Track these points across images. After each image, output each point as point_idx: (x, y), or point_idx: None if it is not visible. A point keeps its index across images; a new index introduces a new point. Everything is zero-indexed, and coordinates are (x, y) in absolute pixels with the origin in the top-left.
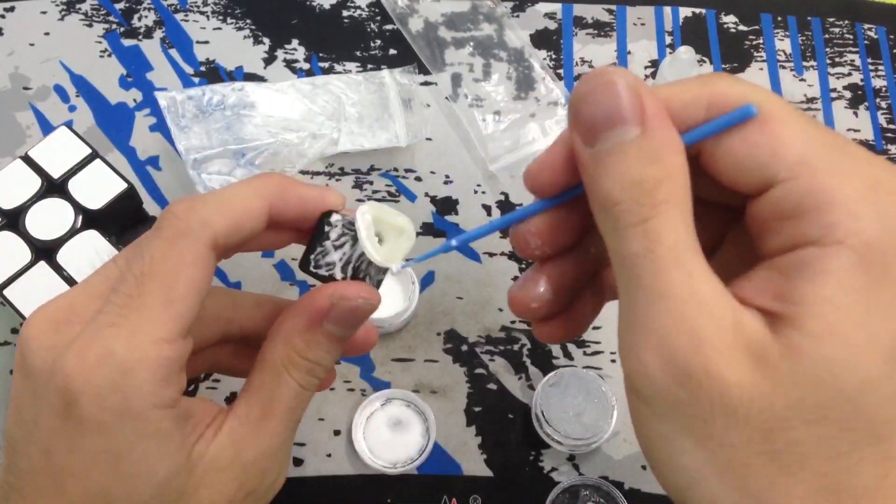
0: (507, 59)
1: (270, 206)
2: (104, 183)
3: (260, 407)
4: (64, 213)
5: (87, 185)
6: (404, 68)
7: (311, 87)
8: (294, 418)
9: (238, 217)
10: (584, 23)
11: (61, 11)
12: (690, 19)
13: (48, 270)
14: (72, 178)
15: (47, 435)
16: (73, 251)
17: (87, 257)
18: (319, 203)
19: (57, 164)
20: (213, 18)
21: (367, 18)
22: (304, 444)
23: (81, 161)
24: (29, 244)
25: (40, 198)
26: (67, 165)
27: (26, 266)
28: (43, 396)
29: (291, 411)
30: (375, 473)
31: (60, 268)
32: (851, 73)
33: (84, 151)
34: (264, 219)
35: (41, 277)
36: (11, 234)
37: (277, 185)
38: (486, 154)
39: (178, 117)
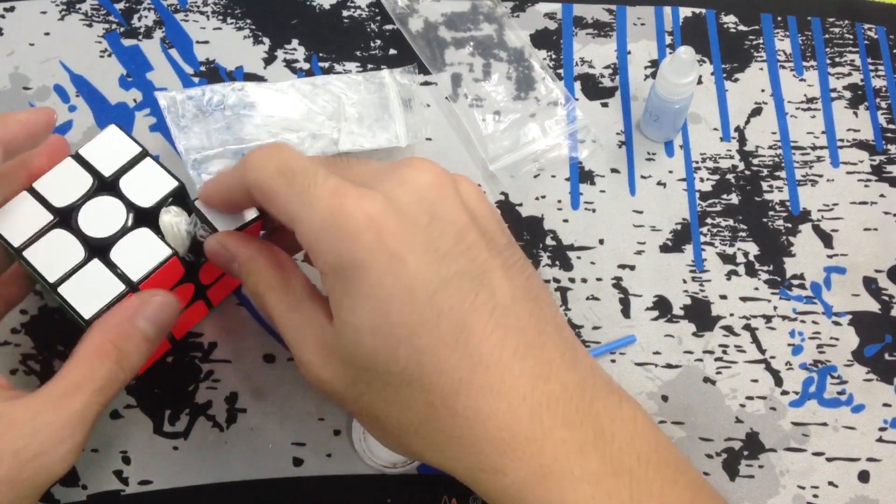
0: (507, 60)
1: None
2: (155, 181)
3: (66, 385)
4: (116, 212)
5: (138, 184)
6: (404, 68)
7: (311, 87)
8: (99, 401)
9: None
10: (584, 23)
11: (61, 11)
12: (690, 19)
13: (101, 267)
14: (122, 176)
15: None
16: (126, 249)
17: (140, 255)
18: (38, 120)
19: (107, 162)
20: (213, 18)
21: (367, 18)
22: (304, 444)
23: (132, 159)
24: (82, 242)
25: (91, 196)
26: (118, 164)
27: (80, 264)
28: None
29: (97, 393)
30: (375, 473)
31: (114, 265)
32: (851, 73)
33: (134, 150)
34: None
35: (95, 274)
36: (64, 232)
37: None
38: (486, 154)
39: (178, 117)
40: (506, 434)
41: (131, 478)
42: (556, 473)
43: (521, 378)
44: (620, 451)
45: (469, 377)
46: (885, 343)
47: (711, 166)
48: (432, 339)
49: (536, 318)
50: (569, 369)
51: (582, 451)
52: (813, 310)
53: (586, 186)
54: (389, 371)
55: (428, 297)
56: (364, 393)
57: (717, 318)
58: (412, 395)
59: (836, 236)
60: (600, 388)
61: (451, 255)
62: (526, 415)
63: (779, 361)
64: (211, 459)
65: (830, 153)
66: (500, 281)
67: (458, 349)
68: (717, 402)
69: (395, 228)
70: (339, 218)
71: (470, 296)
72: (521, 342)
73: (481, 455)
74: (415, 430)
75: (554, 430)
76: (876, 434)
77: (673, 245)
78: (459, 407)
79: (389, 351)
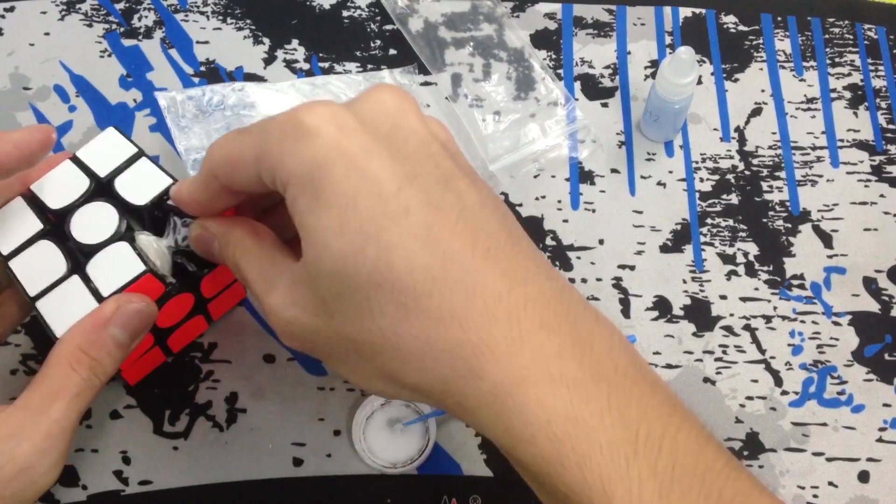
0: (507, 60)
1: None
2: (150, 180)
3: (42, 395)
4: (109, 218)
5: (133, 183)
6: (404, 68)
7: (311, 87)
8: (76, 409)
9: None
10: (584, 23)
11: (61, 11)
12: (690, 19)
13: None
14: (118, 176)
15: None
16: (102, 263)
17: (115, 270)
18: (34, 140)
19: (103, 163)
20: (213, 19)
21: (367, 18)
22: (303, 445)
23: (127, 160)
24: (67, 254)
25: (88, 199)
26: (114, 164)
27: (61, 278)
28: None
29: (74, 401)
30: (375, 473)
31: (88, 279)
32: (851, 74)
33: (130, 151)
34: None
35: (73, 290)
36: (49, 243)
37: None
38: (486, 154)
39: (179, 117)
40: (483, 334)
41: (131, 478)
42: (533, 376)
43: (496, 278)
44: (599, 359)
45: (442, 275)
46: (885, 343)
47: (711, 166)
48: (401, 234)
49: (508, 227)
50: (545, 278)
51: (560, 355)
52: (813, 310)
53: (586, 186)
54: (358, 272)
55: (394, 191)
56: (333, 315)
57: (716, 319)
58: (383, 299)
59: (836, 236)
60: (577, 301)
61: (415, 157)
62: (503, 315)
63: (779, 361)
64: (211, 459)
65: (830, 153)
66: (467, 187)
67: (428, 245)
68: (717, 402)
69: (355, 127)
70: (295, 123)
71: (436, 194)
72: (493, 244)
73: (457, 360)
74: (389, 345)
75: (532, 332)
76: (876, 434)
77: (673, 245)
78: (433, 307)
79: (357, 250)
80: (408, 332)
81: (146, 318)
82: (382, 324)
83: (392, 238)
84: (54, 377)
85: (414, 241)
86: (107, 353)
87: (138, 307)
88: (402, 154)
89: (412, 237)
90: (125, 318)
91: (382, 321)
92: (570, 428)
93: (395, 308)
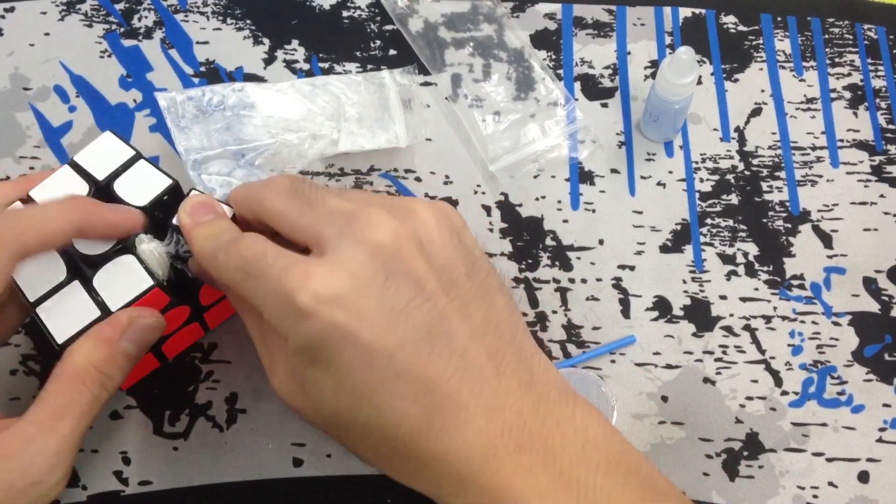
0: (507, 60)
1: (77, 227)
2: (149, 181)
3: (53, 410)
4: None
5: (133, 185)
6: (404, 69)
7: (311, 87)
8: (85, 423)
9: (46, 237)
10: (584, 23)
11: (61, 12)
12: (690, 20)
13: (80, 290)
14: (116, 178)
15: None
16: (108, 275)
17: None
18: (122, 226)
19: (102, 166)
20: (213, 19)
21: (367, 19)
22: (303, 445)
23: (125, 162)
24: (66, 260)
25: None
26: (112, 167)
27: (60, 284)
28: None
29: (83, 416)
30: (375, 473)
31: (95, 292)
32: (851, 74)
33: (128, 153)
34: (69, 238)
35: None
36: None
37: (82, 210)
38: (485, 154)
39: (178, 118)
40: (463, 466)
41: (131, 478)
42: (508, 496)
43: (476, 414)
44: (570, 465)
45: (428, 423)
46: (885, 343)
47: (711, 167)
48: (392, 397)
49: (495, 349)
50: (524, 394)
51: (531, 473)
52: (813, 310)
53: (586, 187)
54: (353, 423)
55: (386, 360)
56: (332, 428)
57: (716, 319)
58: (376, 441)
59: (836, 236)
60: (554, 404)
61: (408, 310)
62: (481, 447)
63: (779, 362)
64: (211, 459)
65: (830, 153)
66: (458, 324)
67: (417, 401)
68: (716, 403)
69: (347, 299)
70: (287, 300)
71: (427, 349)
72: (478, 379)
73: (442, 484)
74: (381, 461)
75: (506, 457)
76: (876, 434)
77: (673, 245)
78: (420, 450)
79: (352, 407)
80: (398, 464)
81: (156, 332)
82: (377, 453)
83: (383, 401)
84: (64, 393)
85: (403, 401)
86: (118, 368)
87: (149, 322)
88: (395, 311)
89: (401, 398)
90: (137, 334)
91: (376, 452)
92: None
93: (387, 449)
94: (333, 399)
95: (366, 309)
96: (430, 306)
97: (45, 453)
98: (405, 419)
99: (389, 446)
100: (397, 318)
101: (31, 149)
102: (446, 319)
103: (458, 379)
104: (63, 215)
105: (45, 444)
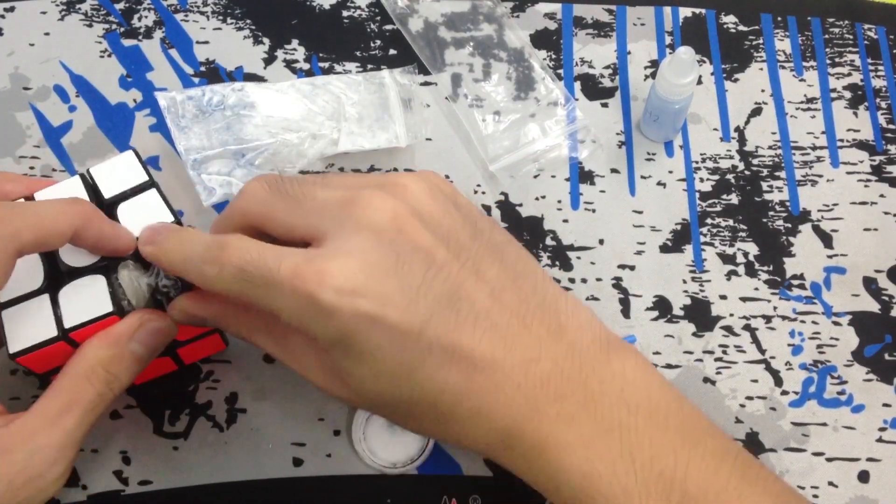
0: (507, 60)
1: (74, 231)
2: (153, 213)
3: (58, 406)
4: None
5: (136, 213)
6: (404, 68)
7: (311, 87)
8: (89, 421)
9: (45, 235)
10: (584, 23)
11: (61, 11)
12: (690, 19)
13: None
14: (122, 202)
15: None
16: (75, 292)
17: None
18: (114, 243)
19: (112, 185)
20: (213, 18)
21: (367, 18)
22: (303, 445)
23: (136, 187)
24: (48, 269)
25: None
26: (121, 188)
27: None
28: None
29: (87, 414)
30: (375, 473)
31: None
32: (851, 74)
33: (141, 178)
34: (66, 239)
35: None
36: (35, 256)
37: (83, 215)
38: (486, 154)
39: (178, 118)
40: (508, 422)
41: (131, 478)
42: (552, 444)
43: (513, 369)
44: (610, 408)
45: (468, 386)
46: (885, 343)
47: (711, 166)
48: (429, 370)
49: (517, 302)
50: (556, 341)
51: (573, 418)
52: (813, 310)
53: (586, 186)
54: (397, 402)
55: (416, 338)
56: (379, 409)
57: (716, 319)
58: (422, 411)
59: (836, 236)
60: (588, 349)
61: (425, 284)
62: (522, 400)
63: (779, 361)
64: (211, 459)
65: (830, 153)
66: (475, 285)
67: (453, 369)
68: (717, 403)
69: (366, 287)
70: (308, 302)
71: (452, 317)
72: (508, 335)
73: (490, 442)
74: (431, 428)
75: (547, 406)
76: (876, 434)
77: (673, 245)
78: (464, 411)
79: (393, 388)
80: (444, 428)
81: (166, 336)
82: (424, 424)
83: (422, 375)
84: (71, 389)
85: (440, 370)
86: (125, 368)
87: (159, 325)
88: (414, 288)
89: (438, 368)
90: (146, 336)
91: (423, 422)
92: (586, 484)
93: (433, 416)
94: (373, 384)
95: (386, 292)
96: (446, 275)
97: (48, 448)
98: (446, 387)
99: (436, 413)
100: (417, 294)
101: (31, 148)
102: (463, 284)
103: (488, 339)
104: (65, 217)
105: (48, 438)
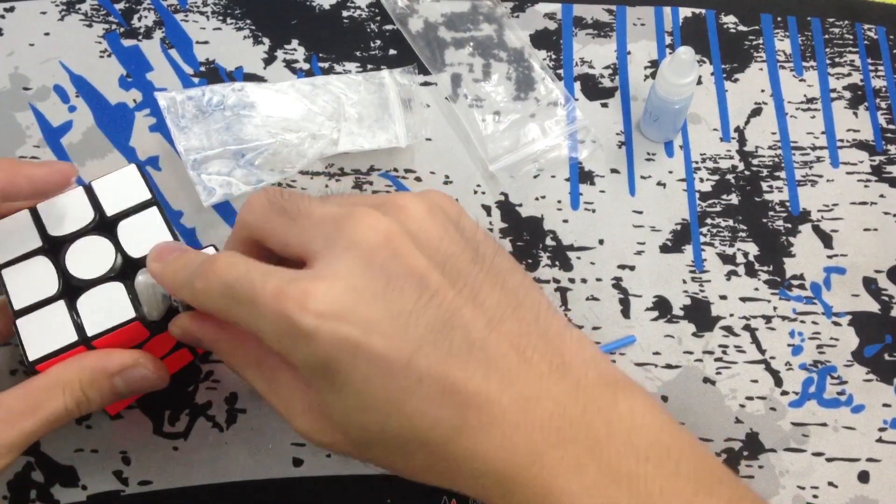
0: (507, 60)
1: (1, 188)
2: (153, 233)
3: (24, 406)
4: (105, 255)
5: (136, 231)
6: (404, 68)
7: (311, 87)
8: (45, 430)
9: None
10: (584, 23)
11: (61, 12)
12: (690, 19)
13: (65, 310)
14: (123, 219)
15: None
16: (94, 300)
17: (105, 310)
18: (49, 180)
19: (114, 201)
20: (212, 19)
21: (367, 18)
22: (304, 445)
23: (138, 205)
24: (61, 277)
25: (87, 233)
26: (123, 206)
27: (49, 299)
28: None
29: (48, 423)
30: (375, 473)
31: (77, 313)
32: (851, 74)
33: (144, 196)
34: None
35: (57, 316)
36: (47, 261)
37: (4, 170)
38: (485, 154)
39: (178, 118)
40: (505, 465)
41: (131, 478)
42: (556, 491)
43: (510, 407)
44: (618, 455)
45: (461, 423)
46: (885, 343)
47: (711, 166)
48: (419, 402)
49: (517, 334)
50: (559, 379)
51: (578, 465)
52: (813, 310)
53: (586, 187)
54: (385, 436)
55: (404, 366)
56: (366, 451)
57: (716, 319)
58: (411, 450)
59: (836, 236)
60: (593, 388)
61: (416, 310)
62: (521, 442)
63: (779, 362)
64: (211, 459)
65: (830, 153)
66: (472, 314)
67: (445, 401)
68: (716, 403)
69: (351, 311)
70: (289, 324)
71: (444, 346)
72: (505, 370)
73: (486, 485)
74: (422, 472)
75: (549, 450)
76: (876, 434)
77: (673, 245)
78: (458, 451)
79: (380, 422)
80: (438, 469)
81: (150, 387)
82: (415, 463)
83: (411, 408)
84: (42, 392)
85: (432, 404)
86: (99, 396)
87: (146, 374)
88: (404, 314)
89: (430, 401)
90: (134, 378)
91: (414, 462)
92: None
93: (424, 455)
94: (359, 417)
95: (372, 318)
96: (439, 302)
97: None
98: (437, 422)
99: (426, 452)
100: (406, 320)
101: (30, 149)
102: (458, 312)
103: (483, 373)
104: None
105: (4, 434)
